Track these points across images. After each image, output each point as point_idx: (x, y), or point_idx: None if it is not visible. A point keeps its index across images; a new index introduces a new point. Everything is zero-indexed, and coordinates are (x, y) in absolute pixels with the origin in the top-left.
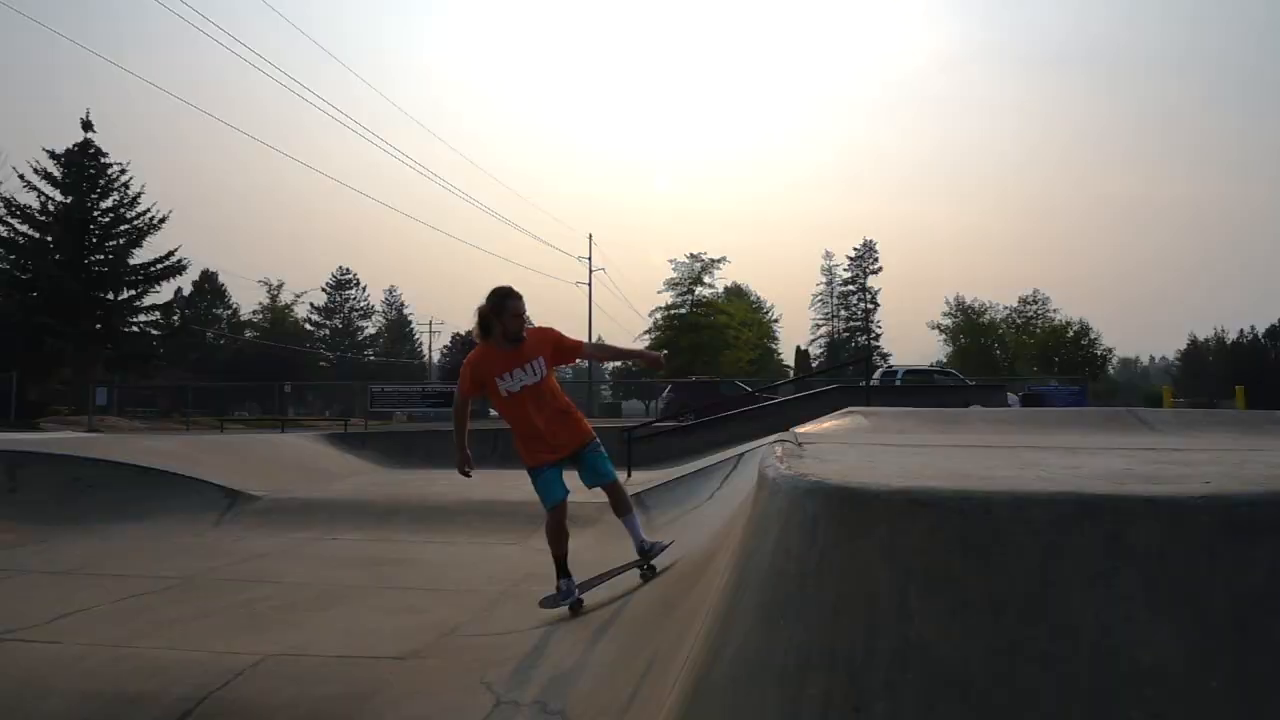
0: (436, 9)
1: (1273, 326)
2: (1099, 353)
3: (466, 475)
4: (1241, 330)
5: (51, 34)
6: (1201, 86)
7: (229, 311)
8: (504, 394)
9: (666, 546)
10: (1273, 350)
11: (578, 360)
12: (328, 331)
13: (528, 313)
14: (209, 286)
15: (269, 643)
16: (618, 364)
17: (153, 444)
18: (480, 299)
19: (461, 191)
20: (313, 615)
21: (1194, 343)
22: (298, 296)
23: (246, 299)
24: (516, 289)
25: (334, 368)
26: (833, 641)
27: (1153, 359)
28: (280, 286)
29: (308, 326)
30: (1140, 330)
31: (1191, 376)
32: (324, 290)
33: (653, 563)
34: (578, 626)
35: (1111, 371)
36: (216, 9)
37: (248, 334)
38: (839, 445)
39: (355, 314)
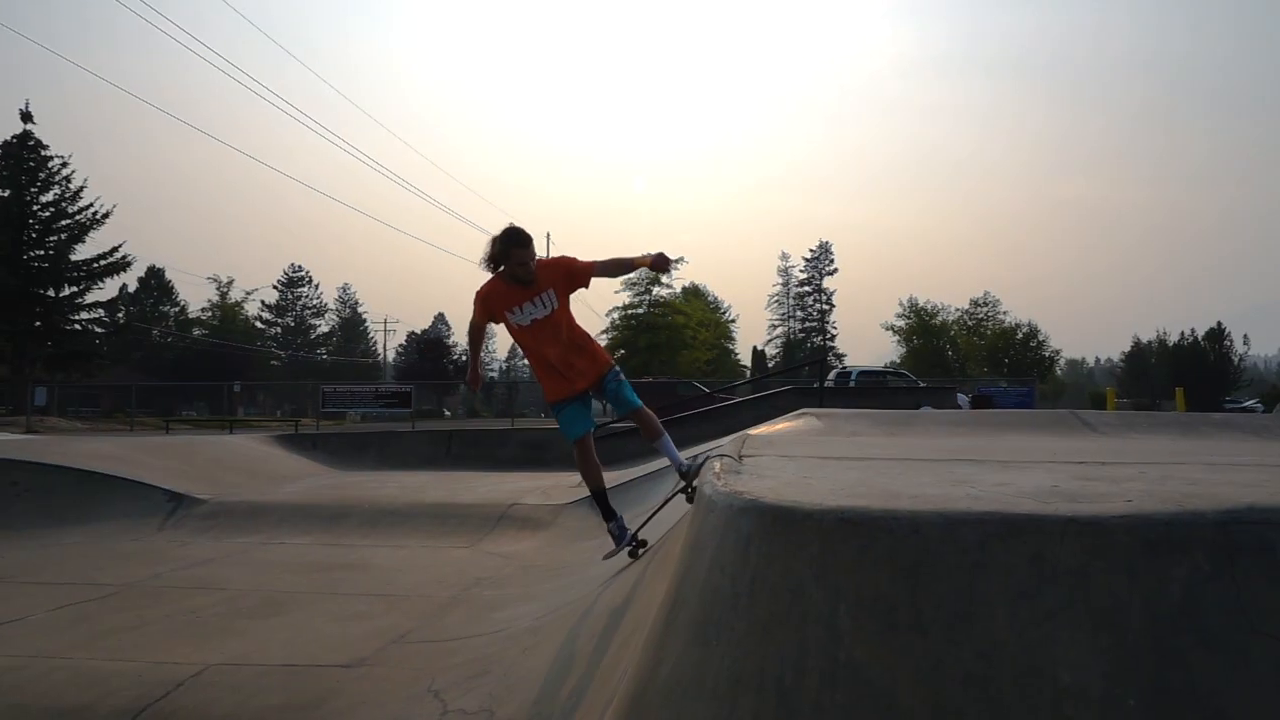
0: (396, 6)
1: (1211, 329)
2: (1047, 354)
3: (475, 392)
4: (1182, 333)
5: None
6: (1150, 98)
7: (176, 309)
8: (515, 326)
9: (704, 463)
10: (1211, 352)
11: (591, 283)
12: (279, 330)
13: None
14: (155, 283)
15: (211, 652)
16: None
17: (94, 446)
18: (434, 299)
19: (417, 189)
20: (257, 623)
21: (1137, 345)
22: (248, 294)
23: (195, 296)
24: (527, 232)
25: (286, 367)
26: (763, 661)
27: (1098, 360)
28: (230, 283)
29: (258, 325)
30: (1087, 332)
31: (1135, 377)
32: (275, 288)
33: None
34: (528, 632)
35: (1059, 372)
36: (166, 1)
37: (196, 332)
38: (780, 458)
39: (308, 312)
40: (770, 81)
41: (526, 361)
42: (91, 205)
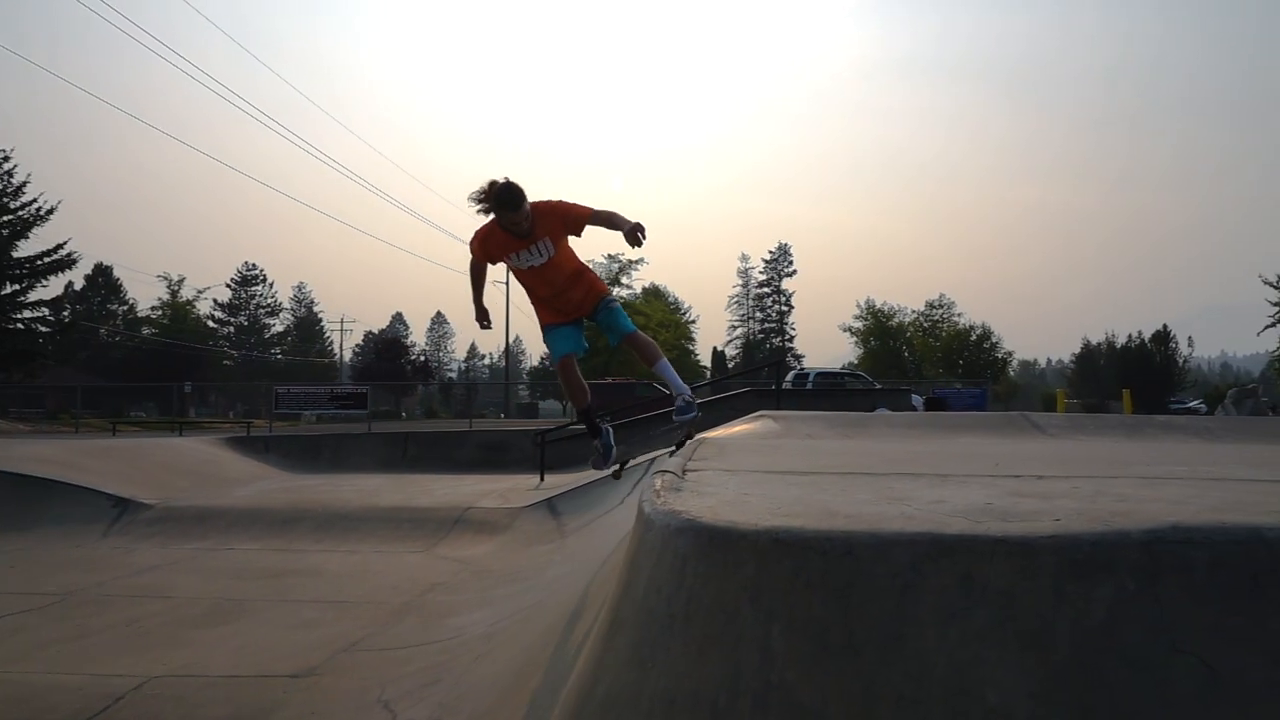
0: (355, 3)
1: (1157, 332)
2: (1000, 356)
3: (485, 327)
4: (1130, 335)
5: None
6: (1103, 105)
7: (125, 307)
8: (513, 268)
9: (695, 414)
10: (1157, 354)
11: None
12: (232, 329)
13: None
14: (103, 281)
15: (154, 663)
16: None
17: (35, 449)
18: (393, 298)
19: (376, 187)
20: (203, 632)
21: (1087, 347)
22: (200, 292)
23: (144, 295)
24: (518, 193)
25: (239, 367)
26: (698, 683)
27: (1050, 361)
28: (181, 282)
29: (211, 324)
30: (1039, 334)
31: (1085, 378)
32: (228, 286)
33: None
34: (481, 639)
35: (1012, 374)
36: None
37: (145, 331)
38: (723, 472)
39: (262, 311)
40: (734, 83)
41: (485, 362)
42: (35, 201)
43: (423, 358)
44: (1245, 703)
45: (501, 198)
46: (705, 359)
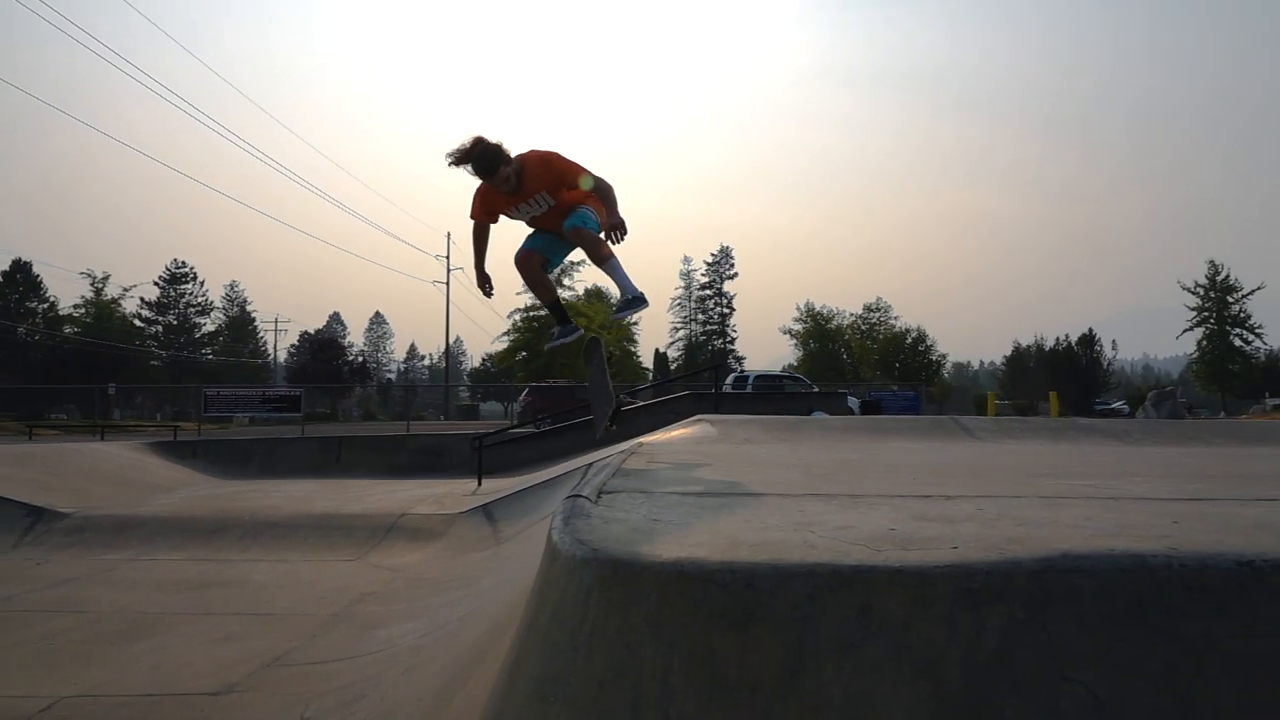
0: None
1: (1083, 335)
2: (935, 358)
3: (487, 294)
4: (1057, 338)
5: None
6: (1035, 115)
7: (45, 305)
8: (515, 219)
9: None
10: (1083, 356)
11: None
12: (160, 329)
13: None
14: (21, 277)
15: (65, 682)
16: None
17: None
18: (330, 298)
19: (312, 184)
20: (119, 648)
21: (1017, 349)
22: (126, 290)
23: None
24: (492, 158)
25: (167, 368)
26: (598, 718)
27: (982, 363)
28: (106, 279)
29: (137, 323)
30: (972, 336)
31: (1015, 380)
32: (156, 284)
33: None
34: (410, 652)
35: (946, 375)
36: None
37: (67, 330)
38: (638, 494)
39: (192, 310)
40: (678, 88)
41: (425, 363)
42: None
43: (360, 359)
44: None
45: (475, 165)
46: (648, 360)
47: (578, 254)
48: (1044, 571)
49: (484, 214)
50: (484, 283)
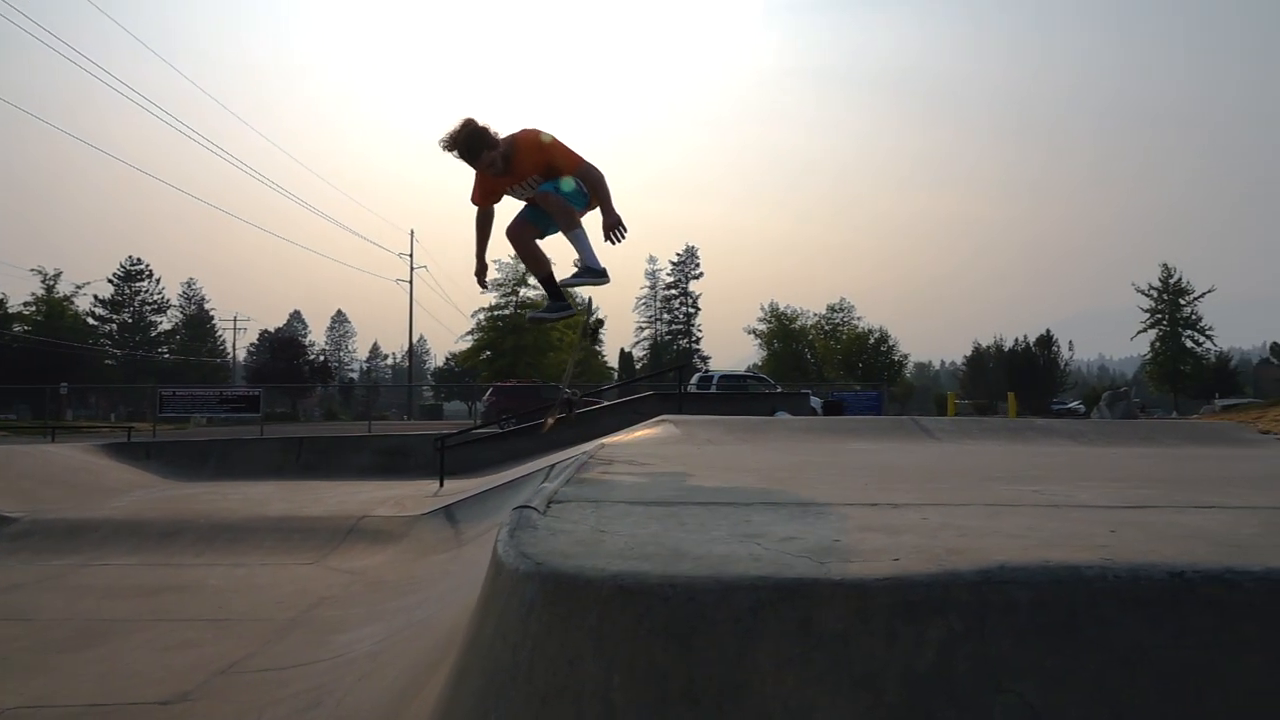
0: None
1: (1041, 336)
2: (897, 358)
3: (483, 286)
4: (1016, 339)
5: None
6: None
7: None
8: (514, 197)
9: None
10: (1041, 357)
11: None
12: (114, 327)
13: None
14: None
15: (9, 693)
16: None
17: None
18: (290, 296)
19: (271, 180)
20: (68, 656)
21: (977, 349)
22: (79, 288)
23: (15, 289)
24: (469, 141)
25: (121, 367)
26: None
27: (943, 363)
28: (57, 276)
29: (91, 321)
30: (933, 337)
31: (975, 380)
32: (110, 281)
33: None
34: (368, 657)
35: (908, 375)
36: None
37: (17, 329)
38: (588, 504)
39: (147, 308)
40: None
41: (388, 362)
42: None
43: (322, 358)
44: None
45: (458, 150)
46: (613, 360)
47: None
48: (982, 584)
49: (481, 197)
50: (482, 272)
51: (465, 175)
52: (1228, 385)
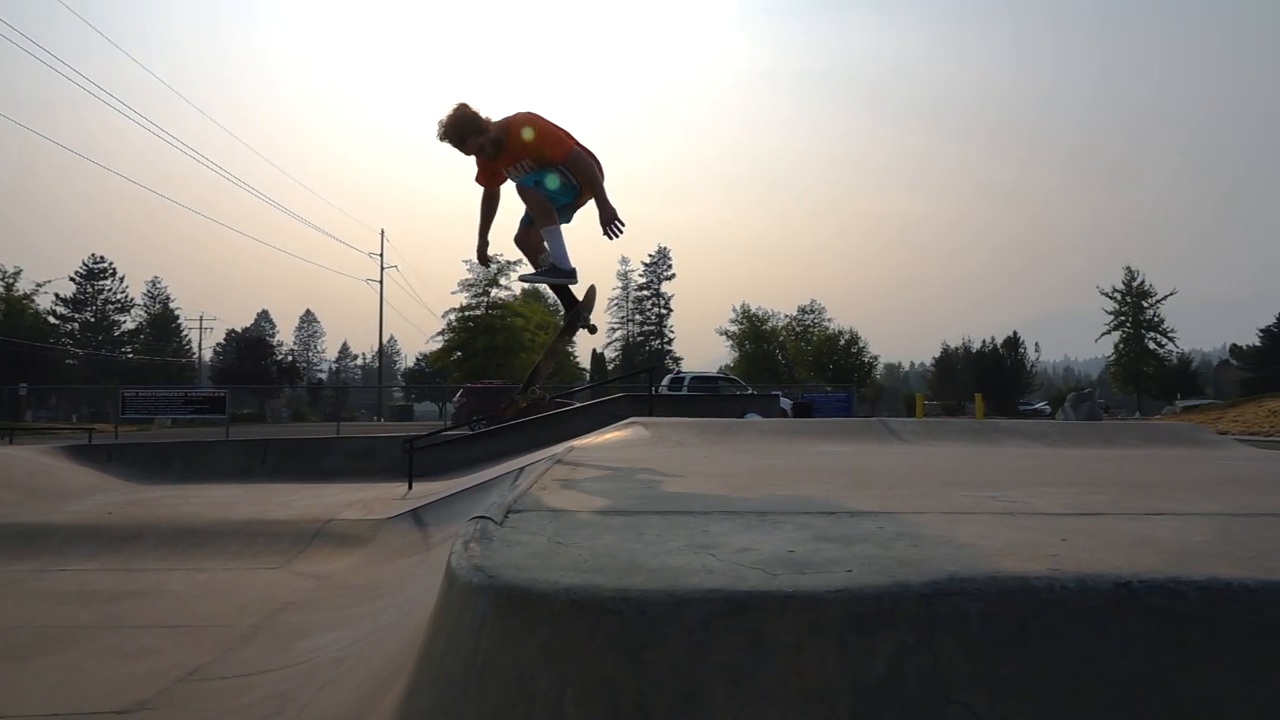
0: None
1: (1008, 337)
2: (867, 360)
3: (484, 265)
4: (984, 340)
5: None
6: (969, 125)
7: None
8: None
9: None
10: (1008, 358)
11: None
12: (76, 326)
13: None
14: None
15: None
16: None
17: None
18: (258, 295)
19: (238, 178)
20: (21, 666)
21: (946, 351)
22: (39, 286)
23: None
24: (455, 128)
25: (83, 367)
26: None
27: (913, 365)
28: (17, 274)
29: (52, 320)
30: (903, 338)
31: (944, 381)
32: (72, 280)
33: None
34: (331, 664)
35: (878, 377)
36: None
37: None
38: (547, 513)
39: (110, 307)
40: (616, 88)
41: (358, 362)
42: None
43: (290, 358)
44: None
45: (449, 141)
46: (585, 361)
47: (515, 254)
48: (932, 595)
49: (483, 177)
50: (483, 251)
51: (436, 175)
52: (1189, 386)
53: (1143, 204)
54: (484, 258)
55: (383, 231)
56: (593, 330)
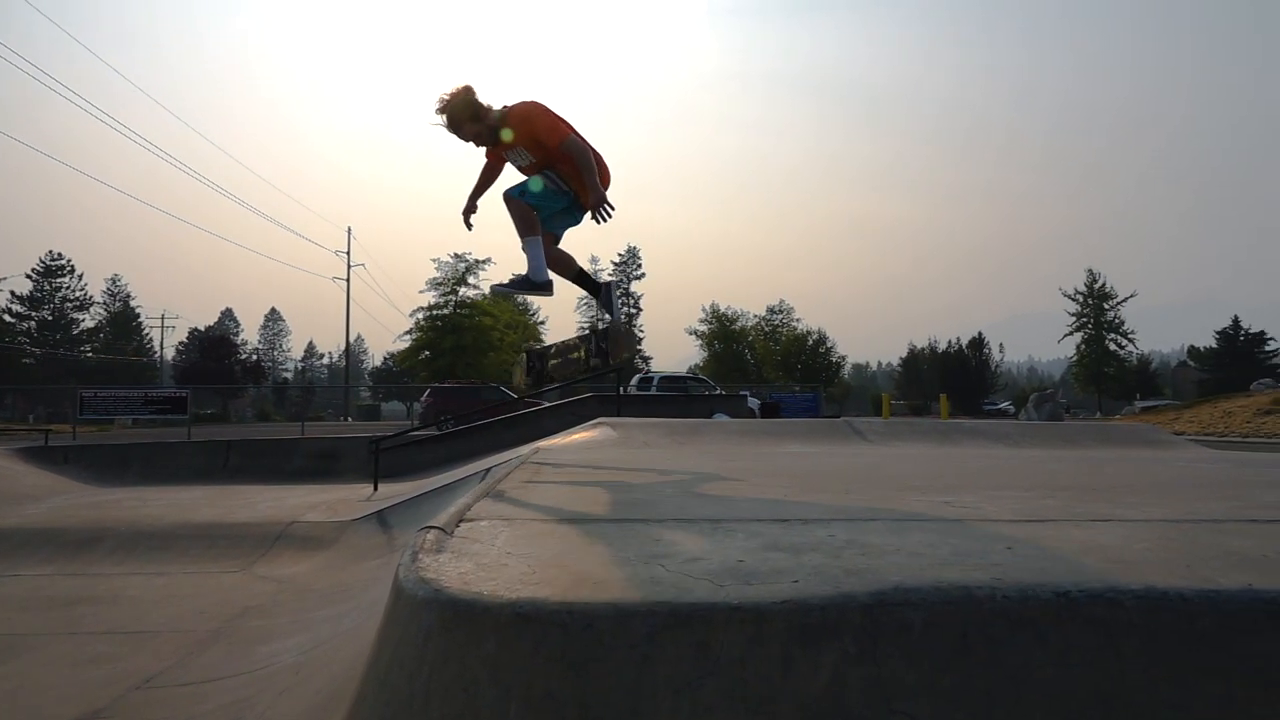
0: None
1: (973, 338)
2: (835, 360)
3: (468, 227)
4: (949, 341)
5: None
6: (942, 128)
7: None
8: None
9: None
10: (973, 359)
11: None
12: (33, 324)
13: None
14: None
15: None
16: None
17: None
18: (222, 293)
19: (200, 174)
20: None
21: (912, 351)
22: None
23: None
24: (453, 115)
25: (41, 366)
26: None
27: (880, 365)
28: None
29: (7, 318)
30: (870, 338)
31: (910, 381)
32: (29, 277)
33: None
34: (291, 670)
35: (845, 376)
36: None
37: None
38: (499, 522)
39: (69, 305)
40: (584, 85)
41: (324, 361)
42: None
43: (254, 357)
44: None
45: (448, 125)
46: None
47: (483, 252)
48: (875, 606)
49: (491, 157)
50: (469, 213)
51: (404, 172)
52: (1148, 387)
53: (1108, 208)
54: (467, 219)
55: (349, 229)
56: (621, 362)
